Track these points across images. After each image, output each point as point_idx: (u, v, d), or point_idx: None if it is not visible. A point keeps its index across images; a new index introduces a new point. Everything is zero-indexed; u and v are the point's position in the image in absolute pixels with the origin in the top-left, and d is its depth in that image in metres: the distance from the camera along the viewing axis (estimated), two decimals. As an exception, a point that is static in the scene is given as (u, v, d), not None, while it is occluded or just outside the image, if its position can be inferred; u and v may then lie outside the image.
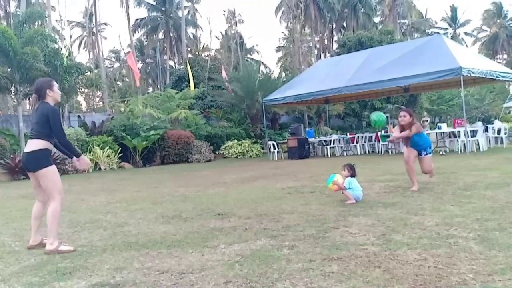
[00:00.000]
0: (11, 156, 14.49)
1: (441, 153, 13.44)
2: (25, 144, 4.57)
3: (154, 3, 41.75)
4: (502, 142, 15.14)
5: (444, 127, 14.97)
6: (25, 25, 17.07)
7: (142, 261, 3.57)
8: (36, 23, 18.01)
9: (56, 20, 37.24)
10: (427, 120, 17.56)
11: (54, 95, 4.25)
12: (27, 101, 22.64)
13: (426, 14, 52.88)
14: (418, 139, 6.53)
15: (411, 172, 6.57)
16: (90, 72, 21.84)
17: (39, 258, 3.87)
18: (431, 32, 48.68)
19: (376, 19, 47.98)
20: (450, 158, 11.75)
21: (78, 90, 21.11)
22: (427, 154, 6.62)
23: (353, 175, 5.87)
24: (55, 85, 4.31)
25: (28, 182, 12.90)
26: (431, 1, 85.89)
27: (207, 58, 33.63)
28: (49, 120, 4.08)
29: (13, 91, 17.12)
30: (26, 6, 26.93)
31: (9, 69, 15.96)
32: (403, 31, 47.92)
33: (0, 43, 15.02)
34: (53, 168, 4.19)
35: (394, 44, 23.33)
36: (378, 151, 16.17)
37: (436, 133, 14.81)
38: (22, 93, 16.73)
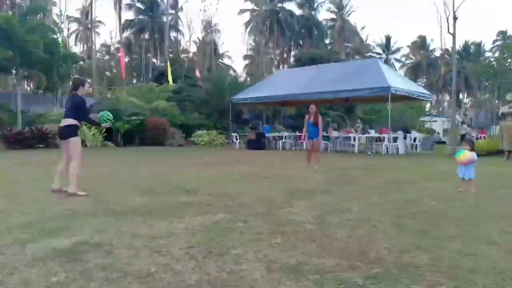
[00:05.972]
0: (8, 128, 13.77)
1: (368, 153, 13.87)
2: (25, 120, 4.79)
3: (143, 8, 40.52)
4: (416, 148, 15.79)
5: (373, 133, 15.44)
6: (28, 16, 16.23)
7: (118, 226, 3.50)
8: (38, 16, 17.20)
9: (57, 14, 35.02)
10: (359, 126, 18.06)
11: (83, 91, 5.26)
12: (25, 82, 21.78)
13: (366, 40, 53.96)
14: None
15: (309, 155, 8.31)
16: (83, 61, 20.91)
17: (28, 218, 3.70)
18: (369, 55, 49.77)
19: (327, 41, 48.59)
20: (376, 159, 12.18)
21: (72, 76, 20.23)
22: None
23: (473, 149, 5.47)
24: (86, 85, 4.62)
25: (22, 152, 12.33)
26: (371, 30, 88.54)
27: (185, 59, 32.91)
28: (78, 108, 4.98)
29: (13, 72, 16.25)
30: (30, -2, 25.27)
31: (11, 53, 15.09)
32: (347, 52, 48.67)
33: (4, 29, 14.15)
34: (78, 138, 5.07)
35: (339, 63, 23.77)
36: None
37: (366, 137, 15.29)
38: (22, 74, 15.85)
